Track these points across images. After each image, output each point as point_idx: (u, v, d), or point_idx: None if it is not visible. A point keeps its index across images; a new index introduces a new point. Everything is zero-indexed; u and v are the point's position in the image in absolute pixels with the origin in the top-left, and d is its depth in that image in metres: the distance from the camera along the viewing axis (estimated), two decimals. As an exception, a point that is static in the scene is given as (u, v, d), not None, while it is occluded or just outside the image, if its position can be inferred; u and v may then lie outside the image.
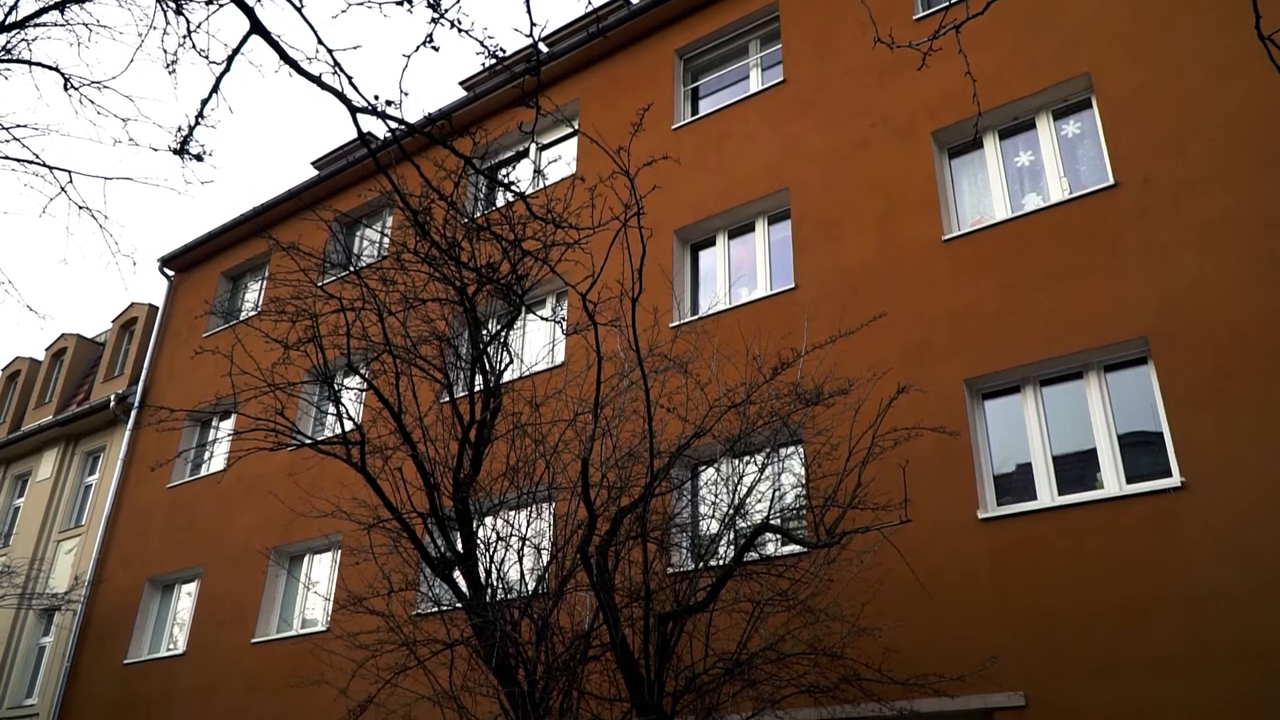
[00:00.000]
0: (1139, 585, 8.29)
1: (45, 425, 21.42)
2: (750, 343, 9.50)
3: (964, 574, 9.12)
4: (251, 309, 18.45)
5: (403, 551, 8.62)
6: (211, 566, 16.33)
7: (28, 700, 18.73)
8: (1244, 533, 8.02)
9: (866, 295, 10.73)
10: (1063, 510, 8.98)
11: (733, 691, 8.00)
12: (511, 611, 7.94)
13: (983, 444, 9.82)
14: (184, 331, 19.73)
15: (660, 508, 8.87)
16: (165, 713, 14.94)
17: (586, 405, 8.22)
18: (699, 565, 8.03)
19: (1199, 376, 8.70)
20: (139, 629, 17.08)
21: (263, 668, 14.43)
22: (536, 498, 8.92)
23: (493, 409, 8.04)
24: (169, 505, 17.82)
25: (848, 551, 8.28)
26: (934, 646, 8.75)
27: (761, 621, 8.02)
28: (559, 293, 13.73)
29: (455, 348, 8.94)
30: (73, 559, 19.41)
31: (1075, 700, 8.23)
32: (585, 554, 7.35)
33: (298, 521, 13.99)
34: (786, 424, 8.40)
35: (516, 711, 7.42)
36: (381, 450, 8.26)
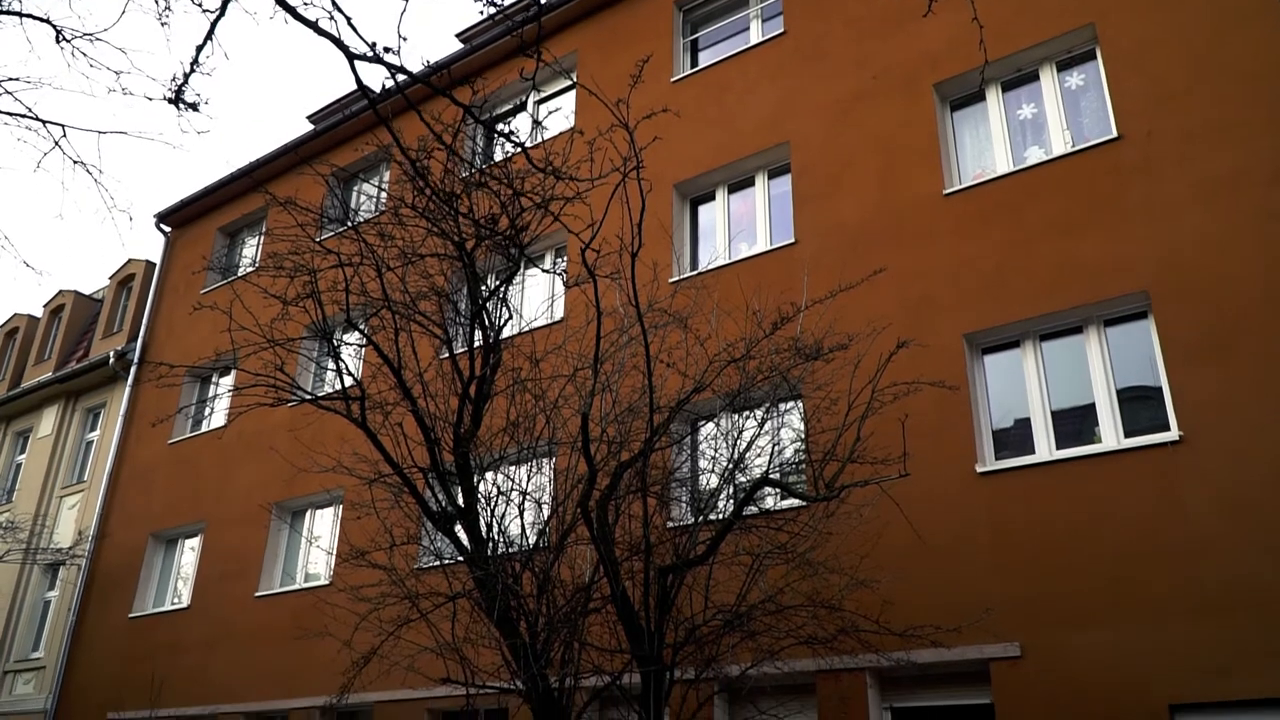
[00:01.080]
0: (1135, 537, 8.36)
1: (45, 382, 21.44)
2: (750, 298, 9.47)
3: (961, 527, 9.19)
4: (249, 265, 18.38)
5: (404, 506, 8.67)
6: (214, 521, 16.44)
7: (34, 654, 18.96)
8: (1241, 485, 8.07)
9: (866, 250, 10.69)
10: (1061, 464, 9.03)
11: (732, 643, 8.09)
12: (513, 565, 8.00)
13: (981, 399, 9.84)
14: (182, 287, 19.67)
15: (660, 462, 8.91)
16: (171, 665, 15.13)
17: (586, 361, 8.22)
18: (698, 519, 8.08)
19: (1199, 331, 8.69)
20: (143, 583, 17.25)
21: (267, 621, 14.59)
22: (537, 453, 8.95)
23: (492, 364, 8.04)
24: (170, 461, 17.90)
25: (846, 505, 8.34)
26: (931, 598, 8.84)
27: (760, 574, 8.09)
28: (558, 248, 13.67)
29: (454, 303, 8.91)
30: (76, 515, 19.54)
31: (1070, 650, 8.34)
32: (585, 508, 7.40)
33: (299, 477, 14.05)
34: (786, 379, 8.41)
35: (518, 663, 7.51)
36: (382, 406, 8.27)
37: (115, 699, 15.49)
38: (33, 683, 18.47)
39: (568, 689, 7.81)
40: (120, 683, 15.68)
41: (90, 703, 16.46)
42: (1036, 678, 8.41)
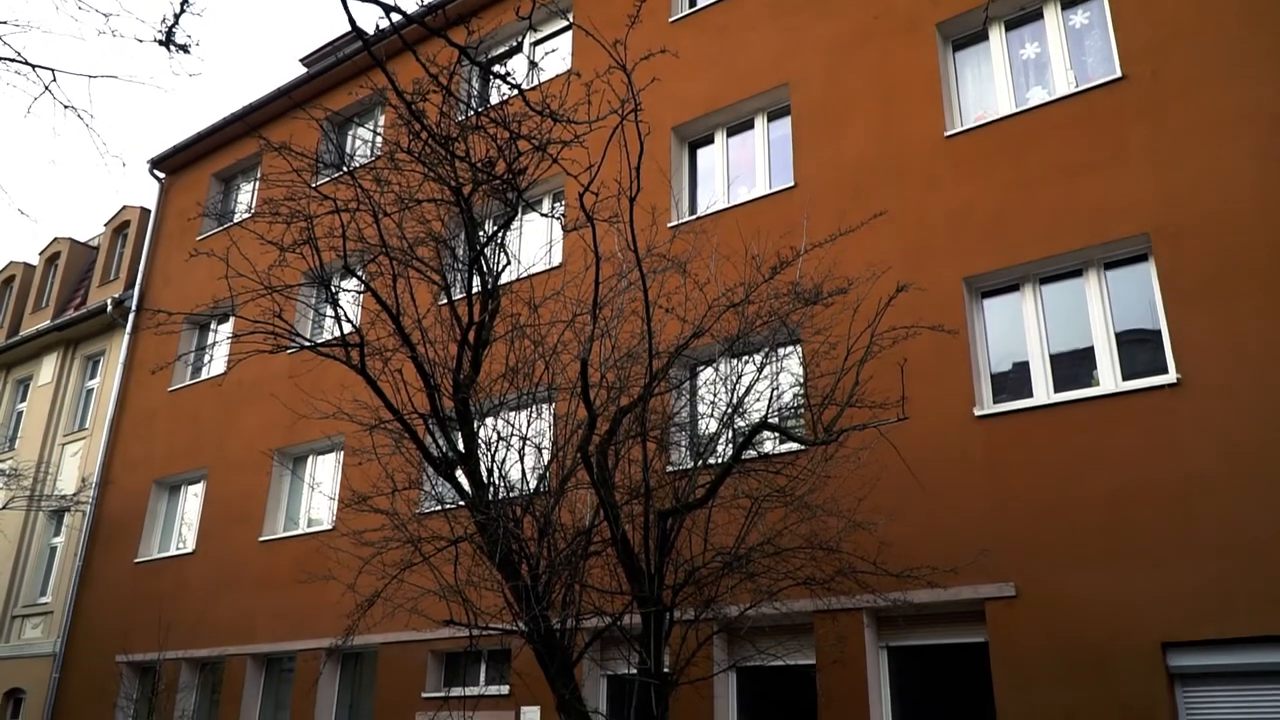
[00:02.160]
0: (1131, 479, 8.43)
1: (44, 330, 21.43)
2: (749, 242, 9.42)
3: (959, 470, 9.26)
4: (245, 211, 18.26)
5: (405, 452, 8.72)
6: (216, 468, 16.55)
7: (42, 598, 19.21)
8: (1238, 427, 8.12)
9: (867, 193, 10.61)
10: (1058, 407, 9.07)
11: (731, 584, 8.19)
12: (514, 509, 8.06)
13: (980, 342, 9.85)
14: (177, 234, 19.57)
15: (659, 407, 8.94)
16: (177, 609, 15.34)
17: (585, 306, 8.20)
18: (698, 463, 8.13)
19: (1199, 273, 8.67)
20: (148, 529, 17.42)
21: (271, 565, 14.77)
22: (536, 398, 8.98)
23: (491, 310, 8.02)
24: (171, 408, 17.97)
25: (845, 449, 8.39)
26: (928, 540, 8.94)
27: (759, 517, 8.16)
28: (555, 192, 13.57)
29: (452, 249, 8.87)
30: (78, 462, 19.66)
31: (1065, 590, 8.45)
32: (585, 453, 7.44)
33: (300, 423, 14.11)
34: (785, 323, 8.40)
35: (520, 604, 7.61)
36: (381, 352, 8.27)
37: (123, 642, 15.73)
38: (41, 627, 18.74)
39: (569, 630, 7.93)
40: (127, 626, 15.91)
41: (98, 646, 16.72)
42: (1031, 617, 8.54)
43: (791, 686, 9.89)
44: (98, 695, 15.86)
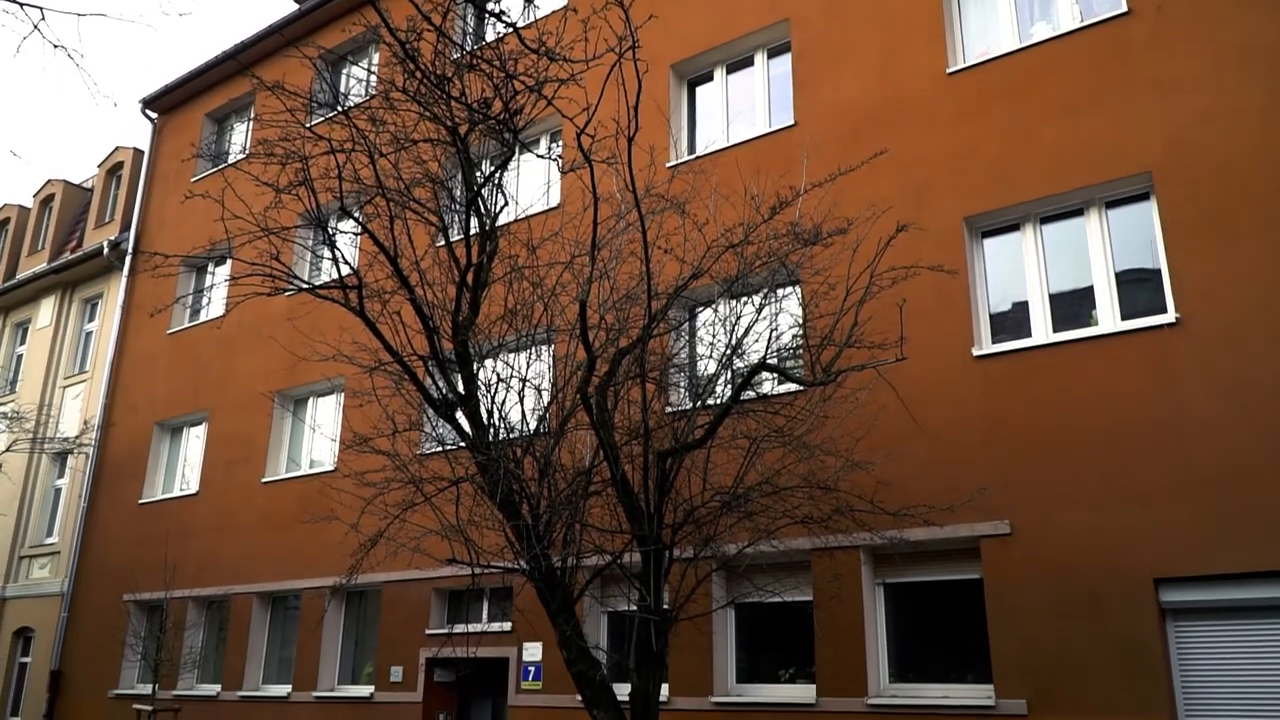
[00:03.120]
0: (1128, 417, 8.48)
1: (41, 273, 21.36)
2: (748, 182, 9.34)
3: (956, 409, 9.31)
4: (239, 152, 18.07)
5: (405, 393, 8.74)
6: (217, 410, 16.62)
7: (49, 539, 19.43)
8: (1235, 366, 8.14)
9: (867, 132, 10.50)
10: (1057, 347, 9.09)
11: (730, 523, 8.28)
12: (514, 450, 8.11)
13: (980, 282, 9.83)
14: (172, 176, 19.39)
15: (658, 348, 8.94)
16: (182, 549, 15.53)
17: (583, 247, 8.16)
18: (697, 404, 8.16)
19: (1201, 212, 8.63)
20: (151, 470, 17.55)
21: (274, 505, 14.91)
22: (535, 340, 8.98)
23: (489, 252, 7.98)
24: (171, 351, 17.99)
25: (843, 389, 8.42)
26: (925, 479, 9.02)
27: (758, 457, 8.21)
28: (553, 132, 13.42)
29: (449, 190, 8.79)
30: (80, 404, 19.74)
31: (1059, 527, 8.56)
32: (585, 394, 7.46)
33: (300, 365, 14.14)
34: (784, 264, 8.37)
35: (521, 543, 7.70)
36: (379, 294, 8.24)
37: (129, 581, 15.95)
38: (48, 567, 18.99)
39: (569, 568, 8.03)
40: (133, 566, 16.12)
41: (105, 585, 16.96)
42: (1025, 554, 8.66)
43: (789, 622, 10.06)
44: (106, 633, 16.13)
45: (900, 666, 9.44)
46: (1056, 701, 8.23)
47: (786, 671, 10.14)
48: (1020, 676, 8.45)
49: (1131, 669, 7.99)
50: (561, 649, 7.78)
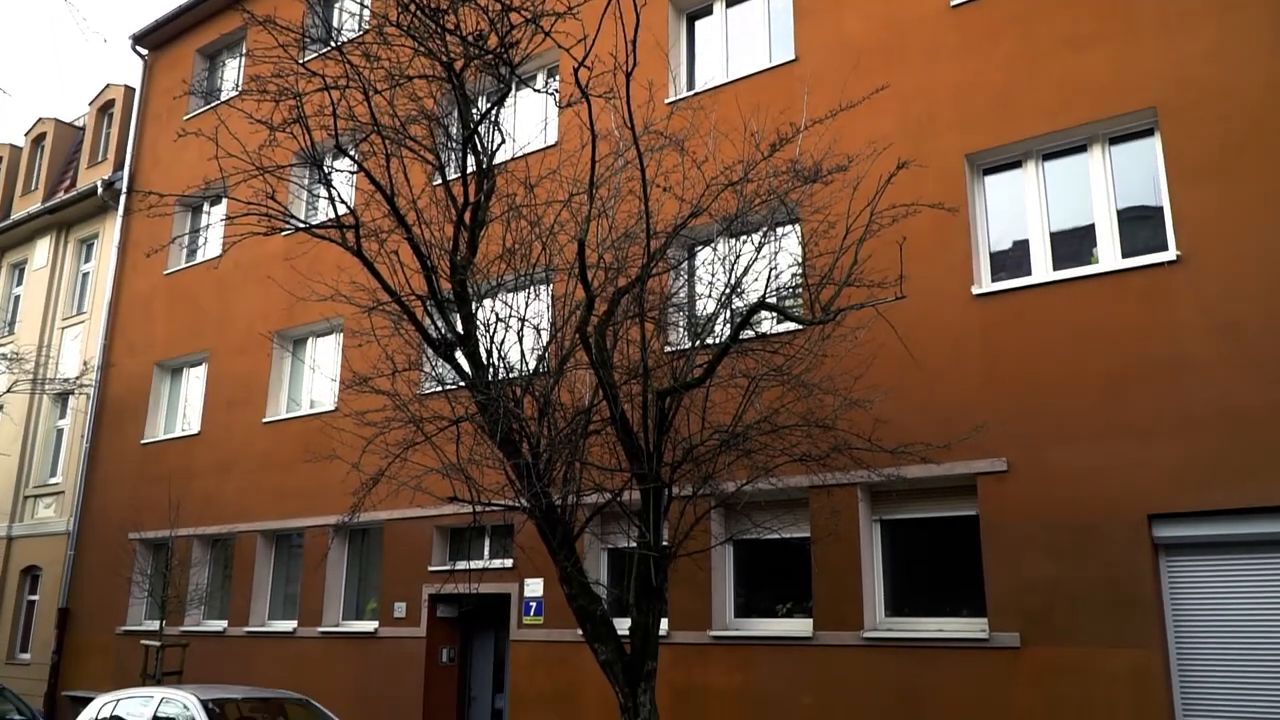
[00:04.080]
0: (1126, 356, 8.50)
1: (35, 213, 21.20)
2: (748, 118, 9.23)
3: (955, 348, 9.32)
4: (232, 89, 17.82)
5: (404, 333, 8.74)
6: (217, 350, 16.64)
7: (52, 479, 19.59)
8: (1234, 304, 8.13)
9: (869, 67, 10.34)
10: (1057, 285, 9.07)
11: (728, 461, 8.34)
12: (514, 389, 8.14)
13: (981, 220, 9.77)
14: (164, 114, 19.15)
15: (657, 288, 8.92)
16: (185, 488, 15.66)
17: (581, 185, 8.09)
18: (696, 343, 8.16)
19: (1205, 149, 8.54)
20: (152, 411, 17.62)
21: (276, 445, 15.01)
22: (534, 279, 8.95)
23: (486, 190, 7.92)
24: (169, 291, 17.94)
25: (842, 328, 8.42)
26: (923, 417, 9.07)
27: (756, 396, 8.24)
28: (550, 68, 13.23)
29: (445, 128, 8.68)
30: (79, 345, 19.75)
31: (1055, 464, 8.62)
32: (584, 334, 7.46)
33: (298, 305, 14.14)
34: (784, 202, 8.31)
35: (522, 482, 7.76)
36: (376, 234, 8.19)
37: (134, 520, 16.11)
38: (53, 506, 19.17)
39: (570, 506, 8.11)
40: (138, 505, 16.28)
41: (110, 524, 17.14)
42: (1021, 491, 8.74)
43: (787, 558, 10.20)
44: (112, 571, 16.34)
45: (896, 601, 9.59)
46: (1049, 634, 8.38)
47: (784, 606, 10.30)
48: (1014, 610, 8.59)
49: (1123, 603, 8.12)
50: (562, 585, 7.89)
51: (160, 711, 9.13)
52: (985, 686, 8.58)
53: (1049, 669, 8.32)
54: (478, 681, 13.06)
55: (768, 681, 9.78)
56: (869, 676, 9.18)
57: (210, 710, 8.80)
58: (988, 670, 8.61)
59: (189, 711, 8.83)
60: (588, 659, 8.78)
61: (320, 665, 13.56)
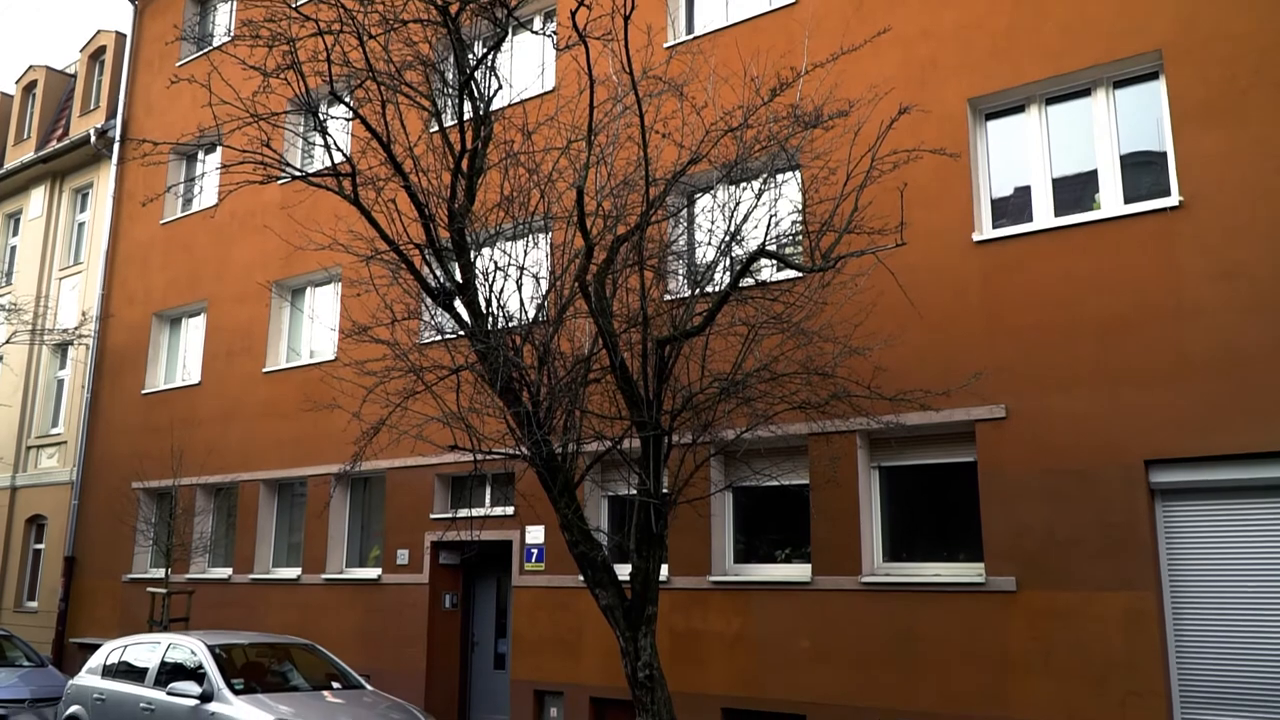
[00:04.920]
0: (1126, 302, 8.49)
1: (28, 162, 21.02)
2: (748, 63, 9.12)
3: (955, 295, 9.30)
4: (224, 34, 17.55)
5: (402, 282, 8.72)
6: (216, 300, 16.61)
7: (54, 430, 19.67)
8: (1236, 250, 8.10)
9: (870, 9, 10.18)
10: (1058, 231, 9.02)
11: (728, 409, 8.38)
12: (513, 338, 8.15)
13: (982, 166, 9.69)
14: (156, 61, 18.89)
15: (656, 235, 8.89)
16: (187, 438, 15.73)
17: (579, 132, 8.02)
18: (695, 291, 8.15)
19: (1210, 92, 8.44)
20: (152, 361, 17.64)
21: (276, 395, 15.05)
22: (532, 228, 8.91)
23: (483, 137, 7.85)
24: (165, 241, 17.86)
25: (842, 275, 8.40)
26: (922, 364, 9.09)
27: (756, 344, 8.25)
28: (547, 11, 13.03)
29: (441, 73, 8.59)
30: (77, 296, 19.70)
31: (1054, 410, 8.66)
32: (583, 282, 7.45)
33: (296, 255, 14.07)
34: (784, 148, 8.24)
35: (522, 430, 7.80)
36: (373, 181, 8.14)
37: (137, 469, 16.21)
38: (56, 457, 19.27)
39: (570, 454, 8.16)
40: (140, 454, 16.36)
41: (113, 474, 17.25)
42: (1019, 437, 8.79)
43: (786, 505, 10.29)
44: (117, 520, 16.47)
45: (894, 546, 9.69)
46: (1045, 578, 8.48)
47: (783, 552, 10.41)
48: (1010, 555, 8.68)
49: (1119, 547, 8.20)
50: (564, 532, 7.97)
51: (168, 657, 9.26)
52: (981, 630, 8.70)
53: (1044, 612, 8.44)
54: (480, 626, 13.25)
55: (766, 626, 9.92)
56: (866, 620, 9.30)
57: (217, 655, 8.92)
58: (984, 614, 8.73)
59: (196, 657, 8.96)
60: (589, 604, 8.90)
61: (325, 611, 13.74)
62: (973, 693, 8.64)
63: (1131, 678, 7.99)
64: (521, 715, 11.79)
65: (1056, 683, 8.28)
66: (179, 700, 8.64)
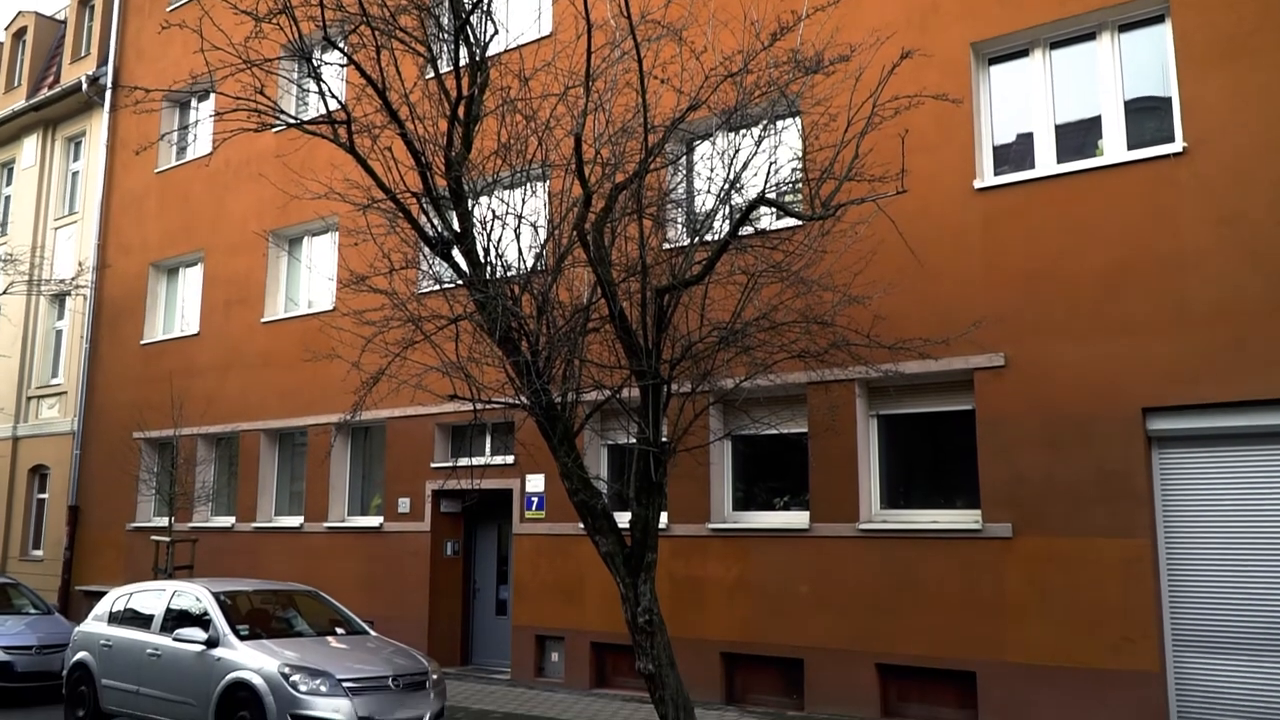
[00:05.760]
0: (1127, 250, 8.45)
1: (20, 110, 20.78)
2: (748, 6, 8.95)
3: (955, 243, 9.26)
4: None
5: (400, 232, 8.66)
6: (212, 250, 16.53)
7: (54, 380, 19.69)
8: (1239, 196, 8.05)
9: (873, -50, 9.99)
10: (1060, 179, 8.96)
11: (727, 358, 8.37)
12: (512, 287, 8.11)
13: (985, 112, 9.59)
14: (147, 5, 18.60)
15: (655, 184, 8.81)
16: (187, 388, 15.75)
17: (577, 78, 7.90)
18: (694, 240, 8.10)
19: (1216, 35, 8.32)
20: (150, 312, 17.62)
21: (275, 345, 15.05)
22: (530, 176, 8.83)
23: (480, 84, 7.74)
24: (160, 190, 17.73)
25: (842, 223, 8.35)
26: (921, 313, 9.07)
27: (755, 293, 8.22)
28: (543, -46, 12.79)
29: (436, 18, 8.44)
30: (73, 246, 19.61)
31: (1052, 359, 8.67)
32: (581, 231, 7.40)
33: (292, 204, 13.92)
34: (784, 94, 8.13)
35: (521, 379, 7.81)
36: (369, 129, 8.04)
37: (137, 419, 16.26)
38: (57, 407, 19.32)
39: (569, 403, 8.18)
40: (141, 405, 16.40)
41: (114, 424, 17.30)
42: (1018, 385, 8.81)
43: (785, 453, 10.34)
44: (119, 469, 16.57)
45: (891, 494, 9.76)
46: (1041, 525, 8.55)
47: (781, 499, 10.49)
48: (1007, 502, 8.75)
49: (1115, 494, 8.26)
50: (563, 480, 8.01)
51: (173, 604, 9.36)
52: (977, 575, 8.80)
53: (1039, 558, 8.52)
54: (482, 573, 13.39)
55: (765, 572, 10.03)
56: (864, 566, 9.40)
57: (222, 602, 9.02)
58: (980, 560, 8.82)
59: (201, 604, 9.06)
60: (589, 551, 8.99)
61: (328, 559, 13.87)
62: (968, 637, 8.76)
63: (1125, 622, 8.09)
64: (523, 660, 11.98)
65: (1051, 627, 8.39)
66: (185, 646, 8.76)
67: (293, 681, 7.98)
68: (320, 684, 8.02)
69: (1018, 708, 8.49)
